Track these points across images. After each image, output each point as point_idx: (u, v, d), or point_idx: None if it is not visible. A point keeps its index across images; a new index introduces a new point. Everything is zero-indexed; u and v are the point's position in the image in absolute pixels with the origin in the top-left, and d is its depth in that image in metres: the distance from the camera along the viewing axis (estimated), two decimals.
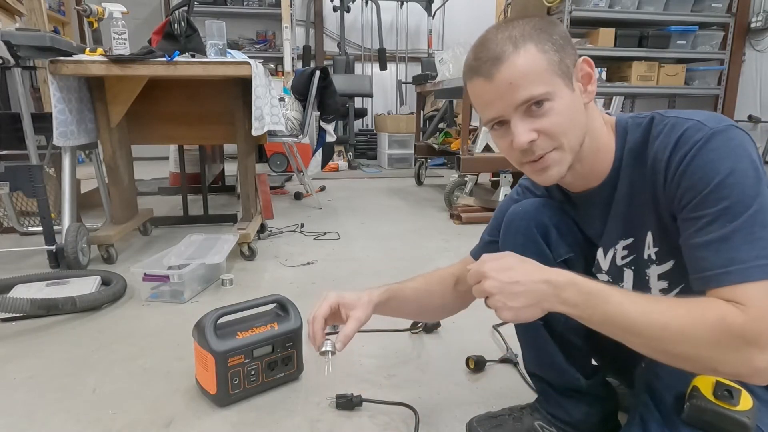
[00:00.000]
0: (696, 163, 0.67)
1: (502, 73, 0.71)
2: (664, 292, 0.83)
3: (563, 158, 0.75)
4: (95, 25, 2.26)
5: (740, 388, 0.70)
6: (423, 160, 4.35)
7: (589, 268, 0.92)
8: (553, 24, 0.75)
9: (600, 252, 0.89)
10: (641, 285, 0.85)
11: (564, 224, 0.91)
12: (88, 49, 2.03)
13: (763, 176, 0.66)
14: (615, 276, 0.88)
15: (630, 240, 0.82)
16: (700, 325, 0.63)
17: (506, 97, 0.72)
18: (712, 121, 0.69)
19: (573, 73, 0.74)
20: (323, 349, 0.92)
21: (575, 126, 0.75)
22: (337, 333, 0.92)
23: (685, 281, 0.79)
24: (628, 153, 0.78)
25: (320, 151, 3.71)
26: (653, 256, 0.80)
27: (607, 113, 0.83)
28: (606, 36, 3.45)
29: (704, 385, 0.70)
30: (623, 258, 0.84)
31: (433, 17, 6.33)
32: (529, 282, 0.70)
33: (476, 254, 1.03)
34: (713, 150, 0.66)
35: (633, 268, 0.84)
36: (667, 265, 0.80)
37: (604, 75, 4.22)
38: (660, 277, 0.82)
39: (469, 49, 0.78)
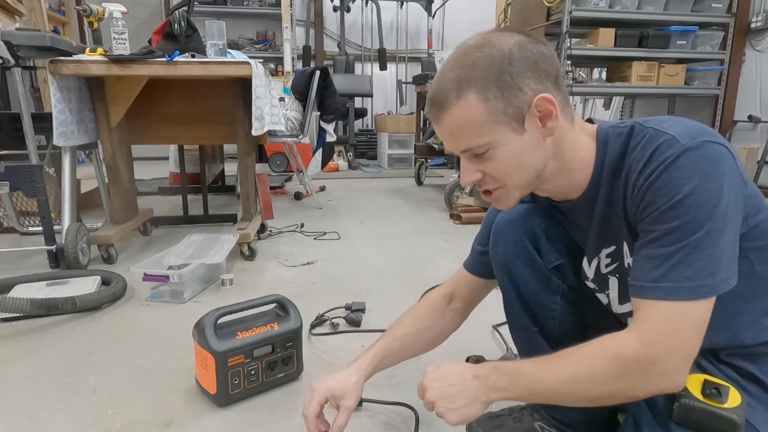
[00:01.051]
0: (662, 179, 0.67)
1: (445, 121, 0.73)
2: None
3: (509, 194, 0.79)
4: (95, 25, 2.26)
5: (728, 385, 0.70)
6: (423, 160, 4.35)
7: (579, 273, 0.92)
8: (521, 53, 0.71)
9: (585, 260, 0.88)
10: (626, 291, 0.85)
11: (553, 230, 0.90)
12: (88, 49, 2.03)
13: (732, 192, 0.66)
14: (600, 284, 0.88)
15: (612, 248, 0.82)
16: (600, 364, 0.68)
17: (450, 142, 0.76)
18: (687, 136, 0.67)
19: (527, 112, 0.71)
20: None
21: (522, 167, 0.75)
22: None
23: None
24: (607, 165, 0.77)
25: (320, 151, 3.71)
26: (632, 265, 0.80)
27: (589, 119, 0.82)
28: (606, 36, 3.45)
29: (693, 384, 0.70)
30: (607, 266, 0.84)
31: (433, 17, 6.33)
32: (461, 381, 0.76)
33: (469, 265, 1.03)
34: (680, 168, 0.66)
35: (617, 275, 0.84)
36: None
37: (604, 75, 4.22)
38: None
39: (439, 70, 0.78)
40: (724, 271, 0.65)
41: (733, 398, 0.68)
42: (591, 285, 0.90)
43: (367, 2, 6.21)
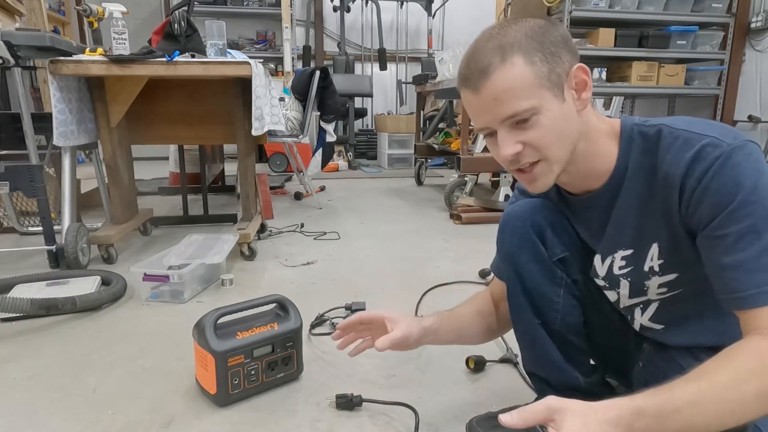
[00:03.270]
0: (719, 179, 0.66)
1: (488, 88, 0.71)
2: (661, 294, 0.83)
3: (550, 169, 0.76)
4: (95, 25, 2.26)
5: None
6: (423, 160, 4.35)
7: (583, 268, 0.93)
8: (550, 28, 0.74)
9: (597, 258, 0.88)
10: (637, 293, 0.85)
11: (559, 223, 0.91)
12: (88, 49, 2.03)
13: None
14: (611, 283, 0.88)
15: (630, 251, 0.82)
16: (746, 380, 0.60)
17: (492, 111, 0.72)
18: (727, 136, 0.68)
19: (565, 81, 0.73)
20: None
21: (563, 137, 0.74)
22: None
23: (682, 288, 0.80)
24: (634, 163, 0.76)
25: (320, 151, 3.71)
26: (656, 268, 0.80)
27: (608, 116, 0.83)
28: (606, 36, 3.45)
29: None
30: (621, 268, 0.84)
31: (433, 17, 6.33)
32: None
33: (495, 267, 1.03)
34: (734, 166, 0.66)
35: (629, 279, 0.84)
36: (670, 276, 0.80)
37: (604, 75, 4.22)
38: (660, 285, 0.82)
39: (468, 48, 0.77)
40: None
41: None
42: (600, 282, 0.90)
43: (367, 2, 6.21)
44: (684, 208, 0.71)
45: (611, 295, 0.91)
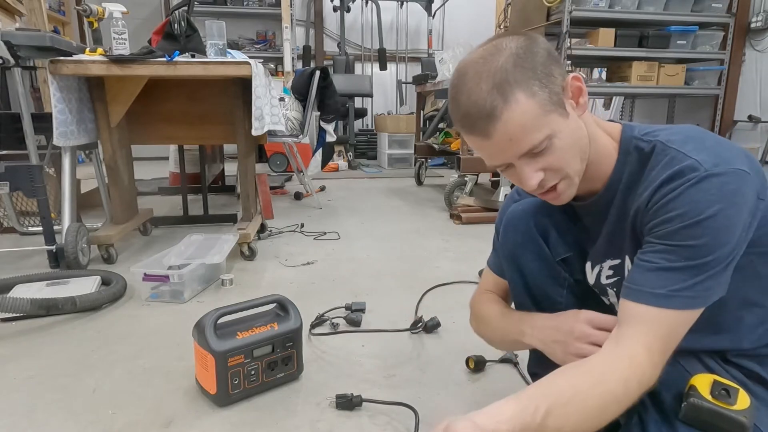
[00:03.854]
0: (681, 199, 0.66)
1: (499, 131, 0.69)
2: None
3: (572, 182, 0.76)
4: (95, 25, 2.26)
5: (738, 387, 0.70)
6: (423, 160, 4.35)
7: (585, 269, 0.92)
8: (533, 47, 0.71)
9: (588, 265, 0.89)
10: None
11: (563, 223, 0.91)
12: (88, 49, 2.03)
13: (750, 217, 0.67)
14: (600, 291, 0.89)
15: (617, 261, 0.82)
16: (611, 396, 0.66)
17: (507, 151, 0.72)
18: (710, 162, 0.67)
19: (563, 95, 0.72)
20: None
21: (577, 150, 0.74)
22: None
23: None
24: (628, 176, 0.77)
25: (320, 151, 3.71)
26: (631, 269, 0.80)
27: (609, 116, 0.83)
28: (606, 36, 3.45)
29: (702, 384, 0.70)
30: (608, 278, 0.85)
31: (433, 17, 6.33)
32: None
33: (492, 264, 1.03)
34: (702, 191, 0.65)
35: (615, 290, 0.85)
36: None
37: (604, 75, 4.22)
38: None
39: (467, 51, 0.76)
40: (716, 295, 0.68)
41: (742, 400, 0.68)
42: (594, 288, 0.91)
43: (367, 2, 6.21)
44: (642, 216, 0.72)
45: (605, 300, 0.91)
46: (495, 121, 0.69)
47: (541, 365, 1.00)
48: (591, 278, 0.88)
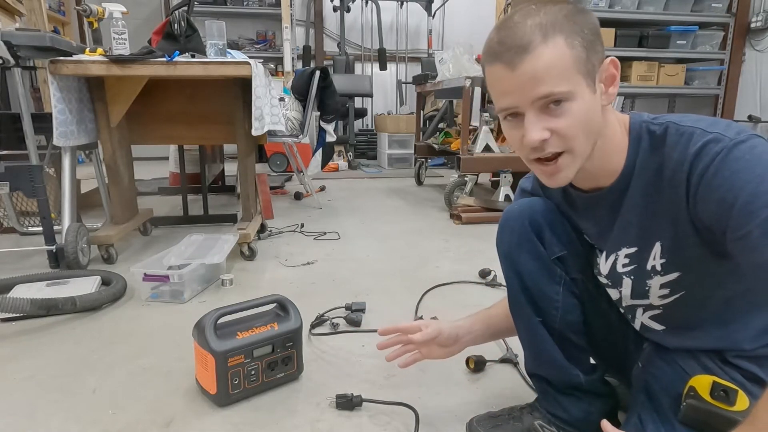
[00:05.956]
0: (721, 174, 0.65)
1: (526, 65, 0.67)
2: (663, 298, 0.83)
3: (573, 162, 0.73)
4: (95, 25, 2.26)
5: (737, 388, 0.70)
6: (423, 160, 4.35)
7: (582, 267, 0.93)
8: (586, 15, 0.71)
9: (603, 256, 0.88)
10: (639, 293, 0.85)
11: (558, 222, 0.92)
12: (88, 49, 2.03)
13: None
14: (614, 281, 0.88)
15: (633, 249, 0.81)
16: None
17: (526, 89, 0.69)
18: (731, 131, 0.66)
19: (597, 72, 0.71)
20: None
21: (589, 130, 0.72)
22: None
23: (684, 291, 0.79)
24: (642, 161, 0.75)
25: (320, 151, 3.71)
26: (658, 267, 0.80)
27: (622, 112, 0.82)
28: (606, 36, 3.46)
29: (701, 385, 0.70)
30: (624, 266, 0.84)
31: (433, 17, 6.33)
32: None
33: None
34: (736, 160, 0.64)
35: (632, 277, 0.84)
36: (671, 276, 0.79)
37: None
38: (662, 286, 0.81)
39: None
40: None
41: (741, 401, 0.68)
42: (604, 280, 0.91)
43: (367, 2, 6.21)
44: (692, 205, 0.70)
45: (613, 294, 0.91)
46: (526, 54, 0.67)
47: (537, 363, 1.00)
48: (605, 268, 0.88)
